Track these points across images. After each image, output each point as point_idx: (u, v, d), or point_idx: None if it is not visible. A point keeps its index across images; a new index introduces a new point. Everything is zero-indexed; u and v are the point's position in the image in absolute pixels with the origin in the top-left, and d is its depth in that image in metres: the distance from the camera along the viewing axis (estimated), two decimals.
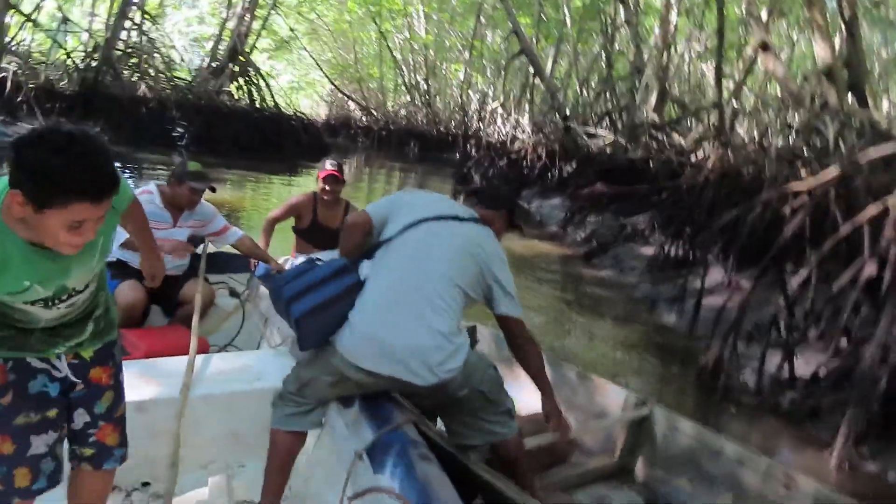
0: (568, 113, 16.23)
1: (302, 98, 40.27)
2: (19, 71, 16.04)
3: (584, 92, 19.93)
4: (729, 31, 11.78)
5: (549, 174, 14.13)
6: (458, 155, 24.43)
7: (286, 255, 4.09)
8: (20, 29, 18.60)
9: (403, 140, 31.37)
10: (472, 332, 3.70)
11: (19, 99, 15.07)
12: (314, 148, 20.95)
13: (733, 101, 12.85)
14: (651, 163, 11.09)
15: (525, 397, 3.27)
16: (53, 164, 1.18)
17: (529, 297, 6.18)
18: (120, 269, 3.13)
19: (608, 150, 13.74)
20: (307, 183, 13.37)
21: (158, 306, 3.40)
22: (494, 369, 2.12)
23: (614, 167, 11.59)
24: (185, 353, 2.54)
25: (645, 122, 13.55)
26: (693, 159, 10.64)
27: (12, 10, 17.12)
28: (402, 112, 33.90)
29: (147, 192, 3.28)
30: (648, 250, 7.39)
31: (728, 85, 13.02)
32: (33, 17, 18.44)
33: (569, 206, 10.06)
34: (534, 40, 20.99)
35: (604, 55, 19.43)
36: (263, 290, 3.42)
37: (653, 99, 13.87)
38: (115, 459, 1.74)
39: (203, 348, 2.56)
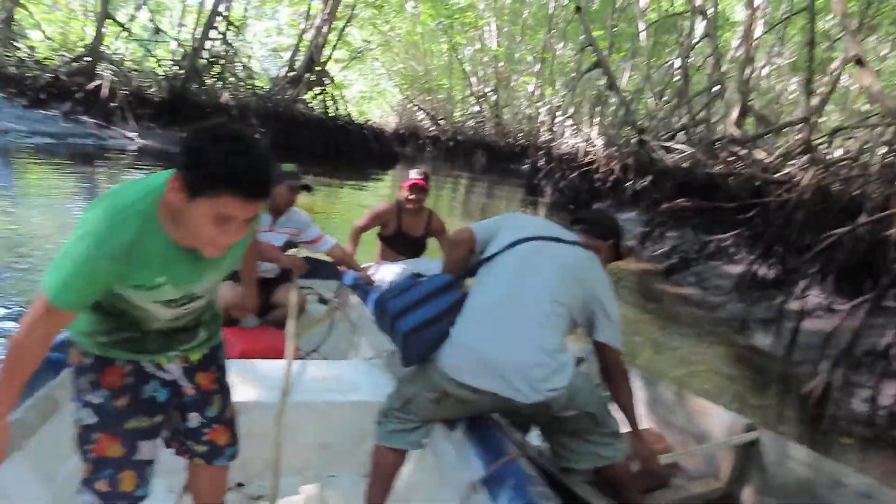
0: (641, 126, 15.88)
1: (373, 108, 41.04)
2: (114, 78, 17.01)
3: (659, 105, 19.47)
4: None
5: (623, 188, 13.83)
6: (526, 166, 24.31)
7: (370, 261, 4.15)
8: (116, 38, 19.77)
9: (471, 150, 31.48)
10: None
11: (113, 104, 15.95)
12: (384, 157, 21.31)
13: (820, 117, 12.31)
14: (731, 179, 10.70)
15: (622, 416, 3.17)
16: (214, 151, 1.20)
17: None
18: None
19: (685, 165, 13.35)
20: (376, 190, 13.58)
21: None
22: (602, 390, 2.06)
23: (691, 182, 11.24)
24: (278, 356, 2.57)
25: (725, 136, 13.11)
26: (778, 176, 10.21)
27: (109, 21, 18.22)
28: (470, 123, 34.05)
29: None
30: (734, 269, 7.10)
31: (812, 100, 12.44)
32: (128, 26, 19.59)
33: (647, 221, 9.79)
34: (606, 52, 20.73)
35: (679, 68, 19.00)
36: (353, 298, 3.43)
37: (734, 113, 13.40)
38: (225, 457, 1.77)
39: (294, 353, 2.60)
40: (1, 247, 5.19)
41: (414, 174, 3.94)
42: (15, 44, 19.14)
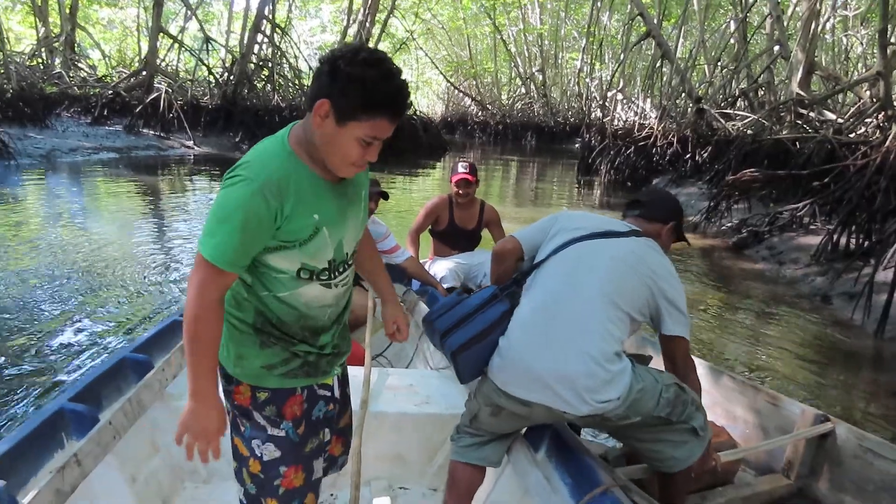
0: (698, 95, 15.23)
1: (419, 97, 41.09)
2: (170, 90, 17.58)
3: (715, 72, 18.64)
4: None
5: (682, 161, 13.32)
6: (578, 145, 23.80)
7: (424, 258, 4.08)
8: (168, 50, 20.42)
9: (520, 133, 31.14)
10: None
11: (171, 115, 16.49)
12: (433, 146, 21.27)
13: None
14: (800, 144, 10.10)
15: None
16: (370, 75, 1.21)
17: None
18: None
19: (748, 132, 12.72)
20: (428, 181, 13.55)
21: None
22: (678, 387, 1.88)
23: (756, 150, 10.68)
24: (352, 362, 2.54)
25: (790, 98, 12.41)
26: (853, 137, 9.57)
27: (161, 34, 18.81)
28: (518, 105, 33.63)
29: None
30: (812, 240, 6.67)
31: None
32: (179, 38, 20.18)
33: (712, 194, 9.36)
34: (656, 20, 19.97)
35: (735, 30, 18.11)
36: (422, 305, 3.37)
37: (798, 73, 12.66)
38: (337, 467, 1.76)
39: (360, 359, 2.55)
40: (77, 259, 5.41)
41: (461, 168, 3.86)
42: (78, 65, 20.05)
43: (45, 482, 1.61)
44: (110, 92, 17.41)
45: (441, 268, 3.88)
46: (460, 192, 3.85)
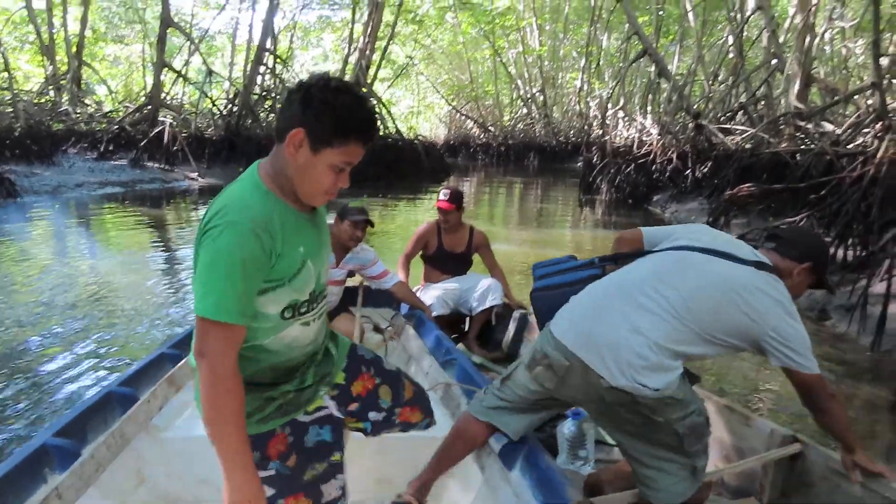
0: (697, 110, 15.30)
1: (421, 122, 41.47)
2: (174, 123, 17.85)
3: (713, 86, 18.73)
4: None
5: (683, 177, 13.33)
6: (580, 164, 23.87)
7: (416, 284, 4.11)
8: (173, 84, 20.77)
9: (522, 154, 31.29)
10: None
11: (175, 148, 16.72)
12: (436, 170, 21.41)
13: (893, 79, 11.43)
14: (798, 156, 10.10)
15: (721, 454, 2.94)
16: (342, 100, 1.26)
17: None
18: None
19: (747, 146, 12.74)
20: (431, 204, 13.60)
21: None
22: (706, 420, 1.88)
23: (755, 164, 10.69)
24: None
25: (788, 111, 12.44)
26: (851, 148, 9.57)
27: (166, 69, 19.16)
28: (520, 126, 33.85)
29: None
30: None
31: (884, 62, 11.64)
32: (183, 72, 20.54)
33: (710, 209, 9.35)
34: (653, 38, 20.13)
35: (732, 45, 18.22)
36: (409, 328, 3.39)
37: (796, 86, 12.71)
38: (420, 426, 1.87)
39: None
40: (81, 296, 5.47)
41: (442, 195, 3.93)
42: (84, 101, 20.44)
43: None
44: (116, 127, 17.69)
45: (429, 297, 3.91)
46: (441, 218, 3.95)
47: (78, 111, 19.24)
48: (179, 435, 2.29)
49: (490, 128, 35.04)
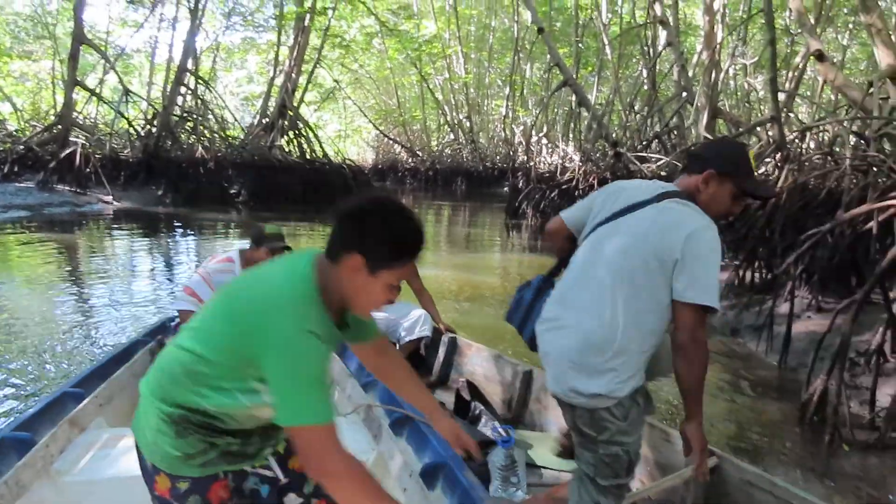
0: (616, 139, 16.03)
1: (349, 145, 41.31)
2: (87, 143, 16.99)
3: (630, 116, 19.71)
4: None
5: None
6: (506, 189, 24.39)
7: None
8: (86, 103, 19.81)
9: (450, 178, 31.68)
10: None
11: (87, 170, 15.90)
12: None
13: (789, 113, 12.47)
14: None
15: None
16: (400, 226, 1.32)
17: None
18: None
19: (662, 174, 13.43)
20: None
21: None
22: (626, 454, 1.81)
23: None
24: None
25: (698, 142, 13.25)
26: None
27: (78, 87, 18.27)
28: (447, 151, 34.31)
29: (228, 259, 3.34)
30: (722, 276, 7.05)
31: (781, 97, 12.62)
32: (97, 91, 19.64)
33: None
34: (573, 69, 21.01)
35: (647, 78, 19.29)
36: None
37: (704, 117, 13.57)
38: None
39: None
40: None
41: None
42: None
43: None
44: (21, 147, 16.68)
45: None
46: None
47: None
48: (83, 478, 2.16)
49: (418, 152, 35.34)
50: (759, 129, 13.14)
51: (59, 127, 17.59)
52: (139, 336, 3.53)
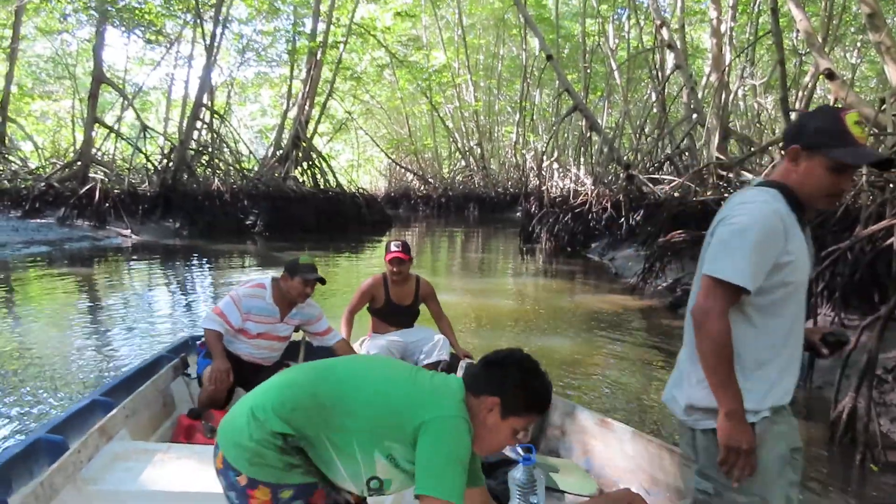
0: (628, 161, 16.08)
1: (362, 174, 41.73)
2: (105, 179, 17.32)
3: (641, 139, 19.78)
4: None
5: (617, 225, 13.87)
6: (518, 214, 24.45)
7: (363, 335, 4.11)
8: (104, 140, 20.25)
9: (462, 205, 31.83)
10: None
11: (106, 205, 16.17)
12: (377, 222, 21.49)
13: None
14: (721, 203, 10.73)
15: (603, 469, 3.01)
16: (536, 384, 1.57)
17: (618, 356, 5.92)
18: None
19: (675, 195, 13.43)
20: (373, 257, 13.62)
21: (244, 390, 3.46)
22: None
23: (684, 211, 11.27)
24: None
25: (710, 162, 13.26)
26: None
27: (97, 124, 18.70)
28: (459, 177, 34.54)
29: (260, 286, 3.40)
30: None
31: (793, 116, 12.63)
32: (116, 128, 20.09)
33: (645, 256, 9.74)
34: (582, 94, 21.20)
35: (656, 101, 19.41)
36: None
37: (715, 138, 13.60)
38: None
39: None
40: (3, 356, 5.13)
41: (394, 247, 3.95)
42: (8, 157, 19.61)
43: None
44: (42, 184, 17.02)
45: (374, 346, 3.90)
46: (395, 269, 3.93)
47: (1, 168, 18.43)
48: (109, 488, 2.20)
49: (430, 180, 35.59)
50: (771, 148, 13.15)
51: (79, 163, 17.98)
52: (163, 352, 3.58)
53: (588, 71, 24.02)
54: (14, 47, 20.10)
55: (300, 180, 20.76)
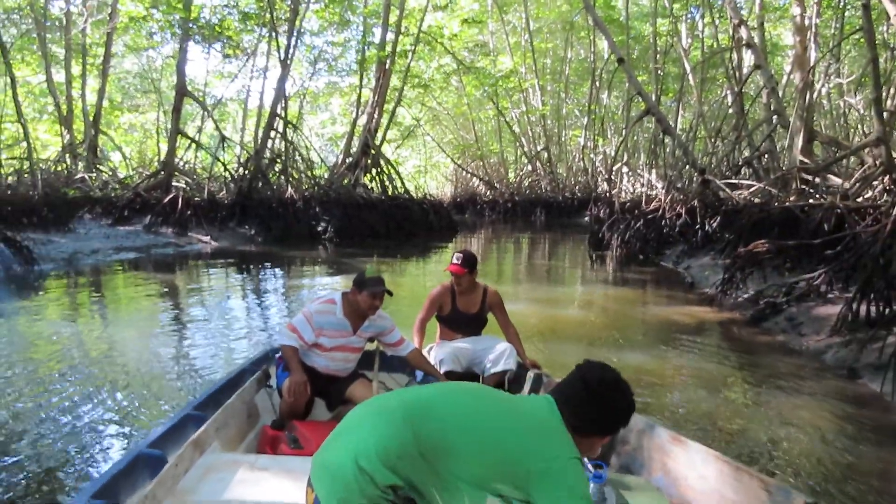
0: (703, 165, 15.48)
1: (428, 180, 42.12)
2: (187, 188, 18.17)
3: (716, 142, 19.02)
4: None
5: (693, 231, 13.37)
6: (586, 219, 24.03)
7: (431, 342, 4.15)
8: (186, 150, 21.28)
9: (529, 210, 31.56)
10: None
11: (188, 213, 16.96)
12: (444, 227, 21.60)
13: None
14: (808, 210, 10.15)
15: (675, 489, 2.89)
16: (628, 404, 1.65)
17: (694, 372, 5.68)
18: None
19: (755, 201, 12.82)
20: (440, 263, 13.67)
21: (322, 400, 3.56)
22: None
23: (765, 219, 10.73)
24: None
25: (794, 166, 12.58)
26: (861, 201, 9.63)
27: (180, 136, 19.67)
28: (526, 182, 34.28)
29: (330, 301, 3.49)
30: (832, 309, 6.57)
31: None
32: (196, 139, 21.07)
33: (725, 266, 9.33)
34: (654, 96, 20.61)
35: (733, 102, 18.61)
36: None
37: (799, 141, 12.90)
38: None
39: None
40: (93, 359, 5.44)
41: (454, 260, 3.98)
42: (100, 168, 20.91)
43: None
44: (130, 193, 18.02)
45: (441, 353, 3.93)
46: (455, 281, 4.01)
47: (93, 178, 19.66)
48: (204, 500, 2.30)
49: (496, 185, 35.49)
50: (862, 150, 12.36)
51: (164, 173, 18.95)
52: (246, 365, 3.71)
53: (659, 73, 23.34)
54: (106, 65, 21.44)
55: (369, 187, 21.13)
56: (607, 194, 21.31)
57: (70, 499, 2.05)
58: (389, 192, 21.24)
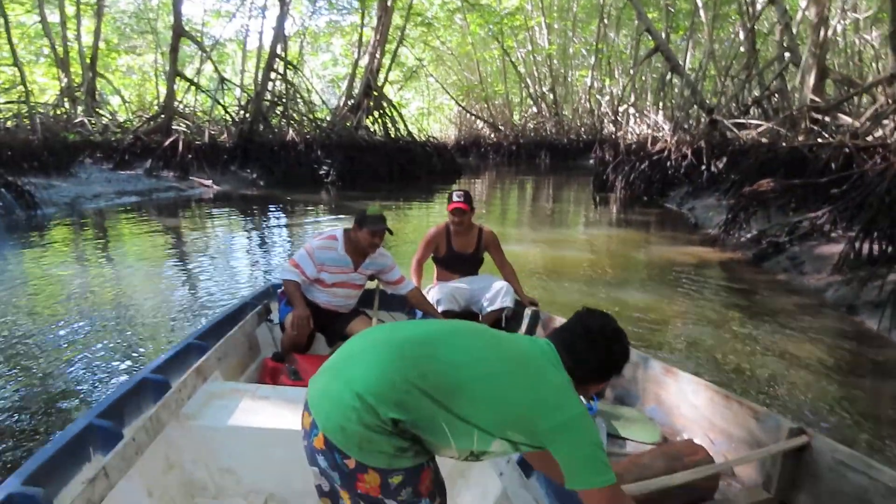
0: (711, 105, 15.17)
1: (432, 123, 41.48)
2: (187, 131, 17.95)
3: (726, 81, 18.56)
4: None
5: (698, 172, 13.22)
6: (591, 161, 23.76)
7: (428, 284, 4.18)
8: (185, 93, 20.93)
9: (533, 152, 31.21)
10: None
11: (189, 156, 16.82)
12: (447, 171, 21.41)
13: None
14: (816, 149, 9.99)
15: (668, 418, 2.99)
16: (624, 352, 1.66)
17: (694, 310, 5.71)
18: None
19: (763, 140, 12.62)
20: (443, 205, 13.62)
21: (323, 335, 3.62)
22: None
23: (772, 158, 10.58)
24: None
25: (804, 105, 12.30)
26: (871, 140, 9.45)
27: (179, 78, 19.31)
28: (530, 125, 33.77)
29: (332, 237, 3.50)
30: (834, 248, 6.54)
31: None
32: (195, 81, 20.70)
33: (729, 206, 9.26)
34: (663, 33, 20.00)
35: (745, 40, 18.06)
36: None
37: (811, 79, 12.57)
38: None
39: None
40: (99, 298, 5.51)
41: (455, 197, 3.98)
42: (99, 112, 20.64)
43: (77, 492, 1.73)
44: (131, 137, 17.83)
45: (439, 293, 3.96)
46: (455, 219, 3.99)
47: (93, 122, 19.42)
48: (207, 424, 2.37)
49: (500, 127, 34.98)
50: (875, 88, 12.04)
51: (163, 116, 18.70)
52: (248, 299, 3.75)
53: (670, 9, 22.57)
54: (100, 3, 20.86)
55: (371, 129, 20.85)
56: (613, 136, 20.99)
57: (78, 418, 2.11)
58: (392, 135, 20.97)
